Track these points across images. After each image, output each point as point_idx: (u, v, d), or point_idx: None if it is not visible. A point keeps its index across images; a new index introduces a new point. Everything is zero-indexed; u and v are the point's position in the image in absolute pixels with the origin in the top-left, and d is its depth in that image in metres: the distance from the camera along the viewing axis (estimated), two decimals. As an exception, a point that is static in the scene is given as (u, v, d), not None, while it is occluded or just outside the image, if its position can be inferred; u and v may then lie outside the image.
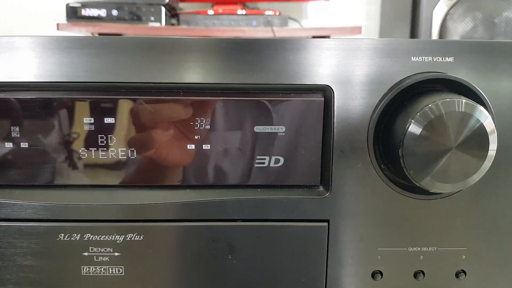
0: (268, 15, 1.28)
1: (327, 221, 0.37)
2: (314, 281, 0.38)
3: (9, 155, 0.36)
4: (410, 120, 0.32)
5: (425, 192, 0.36)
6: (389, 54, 0.35)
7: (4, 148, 0.36)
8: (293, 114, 0.36)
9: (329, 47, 0.35)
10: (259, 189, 0.37)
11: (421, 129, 0.32)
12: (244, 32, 1.22)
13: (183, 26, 1.27)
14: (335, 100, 0.36)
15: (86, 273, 0.37)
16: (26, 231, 0.36)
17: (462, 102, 0.32)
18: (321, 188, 0.38)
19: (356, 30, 1.19)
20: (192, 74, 0.35)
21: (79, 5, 1.23)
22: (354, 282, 0.39)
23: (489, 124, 0.32)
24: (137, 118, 0.36)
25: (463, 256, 0.39)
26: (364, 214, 0.37)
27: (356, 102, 0.36)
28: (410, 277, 0.39)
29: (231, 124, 0.36)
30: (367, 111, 0.36)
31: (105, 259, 0.37)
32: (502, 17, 1.05)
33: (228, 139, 0.37)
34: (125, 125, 0.36)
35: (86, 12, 1.24)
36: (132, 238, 0.37)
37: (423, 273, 0.39)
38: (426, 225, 0.38)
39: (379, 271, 0.39)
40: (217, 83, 0.36)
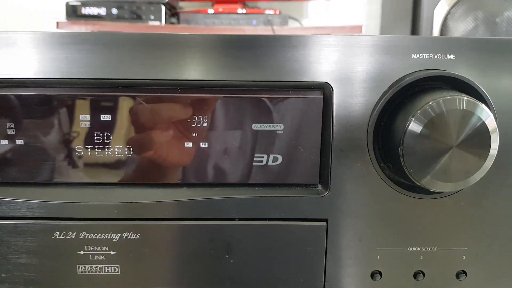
0: (268, 14, 1.28)
1: (326, 221, 0.37)
2: (313, 281, 0.38)
3: (4, 152, 0.36)
4: (411, 118, 0.32)
5: (426, 192, 0.36)
6: (390, 51, 0.35)
7: (-1, 145, 0.36)
8: (292, 112, 0.36)
9: (329, 44, 0.35)
10: (257, 188, 0.37)
11: (422, 127, 0.31)
12: (244, 31, 1.22)
13: (183, 25, 1.27)
14: (334, 98, 0.35)
15: (82, 272, 0.37)
16: (21, 229, 0.36)
17: (464, 100, 0.31)
18: (320, 187, 0.37)
19: (357, 29, 1.18)
20: (190, 71, 0.35)
21: (79, 4, 1.23)
22: (353, 283, 0.38)
23: (491, 123, 0.32)
24: (134, 116, 0.36)
25: (464, 257, 0.38)
26: (364, 214, 0.37)
27: (356, 100, 0.35)
28: (410, 278, 0.38)
29: (229, 122, 0.36)
30: (367, 109, 0.35)
31: (101, 258, 0.36)
32: (504, 17, 1.05)
33: (226, 137, 0.36)
34: (123, 123, 0.36)
35: (86, 11, 1.24)
36: (128, 237, 0.36)
37: (423, 274, 0.38)
38: (426, 225, 0.37)
39: (379, 271, 0.38)
40: (215, 80, 0.35)
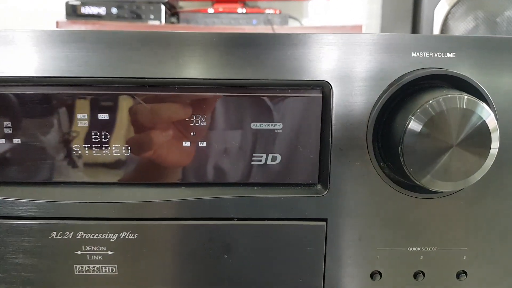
0: (269, 14, 1.27)
1: (325, 220, 0.37)
2: (312, 281, 0.38)
3: (1, 152, 0.35)
4: (410, 117, 0.32)
5: (426, 191, 0.35)
6: (389, 50, 0.35)
7: (-4, 144, 0.35)
8: (291, 111, 0.36)
9: (328, 42, 0.35)
10: (256, 187, 0.37)
11: (422, 126, 0.31)
12: (244, 31, 1.22)
13: (183, 25, 1.27)
14: (334, 97, 0.35)
15: (79, 272, 0.36)
16: (18, 229, 0.36)
17: (464, 99, 0.31)
18: (319, 187, 0.37)
19: (357, 29, 1.18)
20: (190, 69, 0.35)
21: (79, 3, 1.23)
22: (353, 283, 0.38)
23: (492, 122, 0.32)
24: (133, 115, 0.35)
25: (464, 257, 0.38)
26: (363, 213, 0.37)
27: (355, 99, 0.35)
28: (410, 278, 0.38)
29: (228, 121, 0.36)
30: (367, 108, 0.35)
31: (98, 258, 0.36)
32: (504, 16, 1.04)
33: (225, 136, 0.36)
34: (122, 122, 0.35)
35: (86, 10, 1.23)
36: (126, 237, 0.36)
37: (423, 274, 0.38)
38: (427, 225, 0.37)
39: (378, 272, 0.38)
40: (214, 79, 0.35)
